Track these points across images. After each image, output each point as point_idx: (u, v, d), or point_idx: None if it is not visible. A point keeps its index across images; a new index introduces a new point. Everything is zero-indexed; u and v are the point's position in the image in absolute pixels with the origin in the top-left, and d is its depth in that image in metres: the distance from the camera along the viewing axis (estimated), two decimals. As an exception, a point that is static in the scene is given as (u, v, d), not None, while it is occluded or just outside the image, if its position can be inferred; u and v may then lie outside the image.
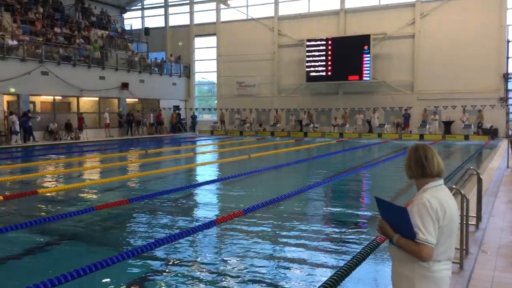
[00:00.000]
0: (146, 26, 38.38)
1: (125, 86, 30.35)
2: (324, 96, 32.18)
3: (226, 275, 5.40)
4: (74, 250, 6.57)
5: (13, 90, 24.15)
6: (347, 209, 9.13)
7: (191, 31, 37.38)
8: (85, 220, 7.96)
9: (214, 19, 36.22)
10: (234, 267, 5.65)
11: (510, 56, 27.44)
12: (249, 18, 34.19)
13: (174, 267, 5.71)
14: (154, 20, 39.48)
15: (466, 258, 5.05)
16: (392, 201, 4.36)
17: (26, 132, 24.22)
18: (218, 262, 5.91)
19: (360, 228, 7.61)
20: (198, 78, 38.51)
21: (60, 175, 13.96)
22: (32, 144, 23.87)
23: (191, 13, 37.35)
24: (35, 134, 24.68)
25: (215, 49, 36.29)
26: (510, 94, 27.71)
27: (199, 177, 14.13)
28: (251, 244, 6.51)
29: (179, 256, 6.12)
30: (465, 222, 5.07)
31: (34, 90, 25.41)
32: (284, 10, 33.56)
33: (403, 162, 2.84)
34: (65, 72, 26.65)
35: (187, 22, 37.64)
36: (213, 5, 36.04)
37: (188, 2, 37.42)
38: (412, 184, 3.01)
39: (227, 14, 35.41)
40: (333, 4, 31.81)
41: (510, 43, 27.40)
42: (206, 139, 28.80)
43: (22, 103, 24.73)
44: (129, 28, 38.37)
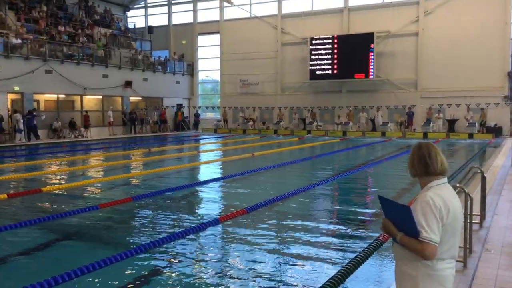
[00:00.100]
0: (150, 24, 38.40)
1: (128, 84, 30.40)
2: (327, 94, 32.12)
3: (229, 273, 5.41)
4: (78, 248, 6.59)
5: (17, 88, 24.24)
6: (351, 207, 9.13)
7: (195, 29, 37.39)
8: (88, 218, 7.98)
9: (217, 17, 36.23)
10: (237, 265, 5.66)
11: (514, 54, 27.34)
12: (252, 16, 34.16)
13: (178, 265, 5.72)
14: (158, 18, 39.51)
15: (469, 257, 5.04)
16: (395, 199, 4.35)
17: (31, 130, 24.28)
18: (221, 260, 5.92)
19: (363, 226, 7.60)
20: (201, 76, 38.50)
21: (64, 173, 13.99)
22: (36, 142, 23.94)
23: (195, 11, 37.35)
24: (39, 133, 24.76)
25: (219, 47, 36.27)
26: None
27: (203, 175, 14.14)
28: (255, 242, 6.52)
29: (183, 254, 6.13)
30: (469, 221, 5.05)
31: (38, 89, 25.50)
32: (287, 8, 33.50)
33: (407, 161, 2.83)
34: (68, 70, 26.74)
35: (191, 20, 37.65)
36: (216, 3, 36.02)
37: (191, 0, 37.42)
38: (415, 182, 3.01)
39: (231, 12, 35.39)
40: (336, 2, 31.74)
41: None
42: (209, 137, 28.83)
43: (26, 102, 24.82)
44: (132, 26, 38.48)
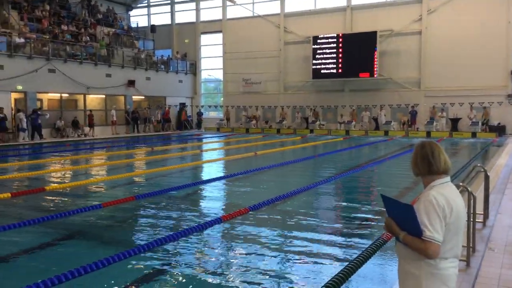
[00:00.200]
0: (152, 23, 38.41)
1: (131, 83, 30.44)
2: (330, 93, 32.07)
3: (233, 271, 5.41)
4: (81, 246, 6.61)
5: (20, 87, 24.30)
6: (353, 206, 9.11)
7: (197, 28, 37.39)
8: (91, 217, 8.00)
9: (220, 16, 36.22)
10: (241, 263, 5.65)
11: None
12: (255, 15, 34.14)
13: (181, 263, 5.73)
14: (160, 17, 39.54)
15: (473, 256, 5.03)
16: (398, 198, 4.34)
17: (36, 129, 24.31)
18: (225, 258, 5.93)
19: (366, 225, 7.59)
20: (204, 75, 38.53)
21: (67, 172, 14.03)
22: (39, 141, 23.99)
23: (197, 10, 37.36)
24: (42, 132, 24.79)
25: (221, 46, 36.27)
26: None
27: (205, 174, 14.15)
28: (258, 240, 6.52)
29: (186, 252, 6.14)
30: (472, 220, 5.04)
31: (41, 88, 25.56)
32: (290, 7, 33.46)
33: (410, 160, 2.82)
34: (71, 69, 26.79)
35: (193, 19, 37.66)
36: (219, 2, 36.03)
37: (194, -1, 37.48)
38: (418, 181, 3.00)
39: (233, 11, 35.38)
40: (339, 0, 31.67)
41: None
42: (212, 136, 28.84)
43: (29, 101, 24.88)
44: (135, 25, 38.46)
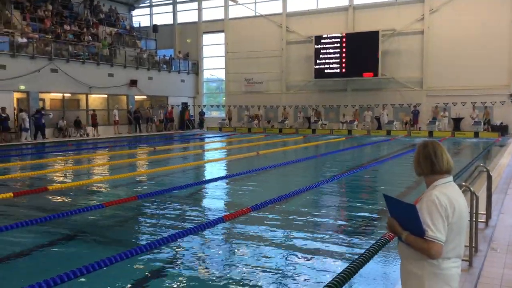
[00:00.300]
0: (155, 23, 38.43)
1: (133, 83, 30.47)
2: (332, 93, 32.05)
3: (236, 270, 5.40)
4: (83, 246, 6.61)
5: (23, 87, 24.35)
6: (356, 206, 9.11)
7: (200, 28, 37.41)
8: (94, 216, 8.01)
9: (222, 16, 36.23)
10: (244, 262, 5.66)
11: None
12: (257, 14, 34.14)
13: (184, 262, 5.73)
14: (163, 17, 39.56)
15: (475, 256, 5.02)
16: (400, 198, 4.34)
17: (39, 129, 24.34)
18: (228, 257, 5.93)
19: (368, 225, 7.58)
20: (206, 75, 38.54)
21: (69, 172, 14.04)
22: (41, 141, 24.03)
23: (200, 10, 37.38)
24: (45, 131, 24.84)
25: (223, 46, 36.28)
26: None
27: (207, 174, 14.15)
28: (260, 240, 6.52)
29: (189, 252, 6.15)
30: (474, 220, 5.03)
31: (44, 88, 25.60)
32: (292, 7, 33.44)
33: (412, 159, 2.82)
34: (74, 69, 26.83)
35: (196, 19, 37.67)
36: (221, 1, 36.04)
37: (196, -1, 37.50)
38: (421, 181, 3.00)
39: (235, 11, 35.38)
40: (341, 0, 31.64)
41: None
42: (214, 136, 28.85)
43: (31, 101, 24.93)
44: (137, 25, 38.54)
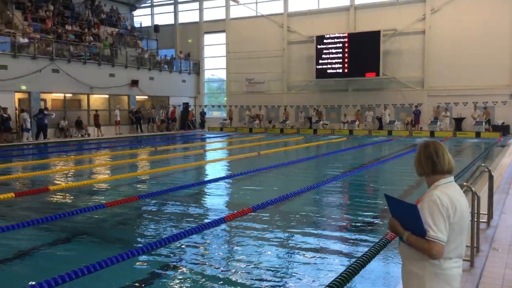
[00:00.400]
0: (156, 23, 38.49)
1: (135, 83, 30.48)
2: (333, 93, 32.02)
3: (237, 270, 5.40)
4: (84, 246, 6.62)
5: (24, 87, 24.37)
6: (357, 206, 9.10)
7: (201, 28, 37.42)
8: (95, 216, 8.02)
9: (223, 16, 36.23)
10: (245, 262, 5.65)
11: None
12: (258, 14, 34.14)
13: (185, 263, 5.73)
14: (164, 17, 39.58)
15: (477, 256, 5.02)
16: (402, 198, 4.33)
17: (42, 129, 24.31)
18: (229, 257, 5.93)
19: (370, 225, 7.57)
20: (207, 75, 38.55)
21: (71, 172, 14.05)
22: (43, 141, 24.05)
23: (201, 10, 37.39)
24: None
25: (225, 46, 36.27)
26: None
27: (209, 174, 14.13)
28: (262, 240, 6.52)
29: (190, 252, 6.14)
30: (476, 220, 5.03)
31: (45, 88, 25.61)
32: (293, 7, 33.42)
33: (414, 159, 2.81)
34: (75, 69, 26.85)
35: (197, 19, 37.68)
36: (222, 1, 36.03)
37: (197, -1, 37.51)
38: (422, 181, 2.99)
39: (237, 11, 35.38)
40: (343, 0, 31.62)
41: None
42: (215, 136, 28.86)
43: (33, 101, 24.95)
44: (138, 25, 38.57)
